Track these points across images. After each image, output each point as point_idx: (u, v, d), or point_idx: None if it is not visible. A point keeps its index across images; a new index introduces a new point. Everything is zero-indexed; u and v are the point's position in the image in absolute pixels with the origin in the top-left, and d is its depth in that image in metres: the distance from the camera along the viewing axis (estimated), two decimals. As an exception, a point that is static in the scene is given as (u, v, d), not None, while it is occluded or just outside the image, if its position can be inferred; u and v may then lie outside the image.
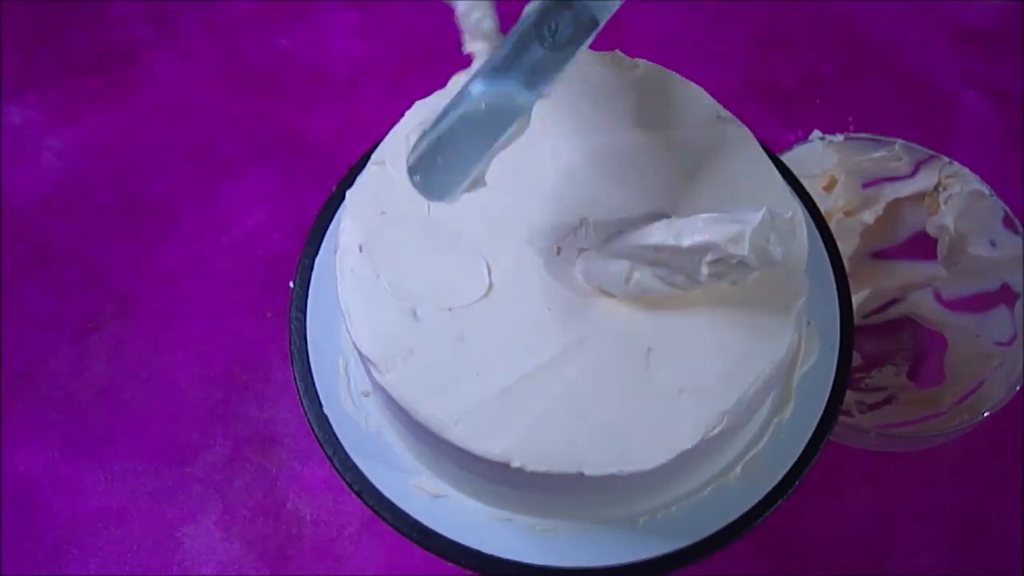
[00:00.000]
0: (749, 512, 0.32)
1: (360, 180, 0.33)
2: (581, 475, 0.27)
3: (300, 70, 0.63)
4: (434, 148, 0.25)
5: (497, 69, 0.25)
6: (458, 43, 0.34)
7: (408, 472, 0.33)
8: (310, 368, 0.35)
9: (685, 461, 0.28)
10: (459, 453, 0.28)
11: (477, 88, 0.25)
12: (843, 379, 0.34)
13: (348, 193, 0.32)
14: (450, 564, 0.32)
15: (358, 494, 0.33)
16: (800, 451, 0.32)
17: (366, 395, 0.34)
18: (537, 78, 0.25)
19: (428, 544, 0.32)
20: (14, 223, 0.57)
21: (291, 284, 0.36)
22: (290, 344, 0.35)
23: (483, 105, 0.25)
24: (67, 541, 0.47)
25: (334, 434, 0.34)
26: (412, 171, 0.25)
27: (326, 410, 0.34)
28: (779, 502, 0.32)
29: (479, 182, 0.26)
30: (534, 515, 0.32)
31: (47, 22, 0.65)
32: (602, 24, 0.26)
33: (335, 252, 0.32)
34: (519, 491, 0.30)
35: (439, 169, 0.25)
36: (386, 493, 0.32)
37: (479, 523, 0.32)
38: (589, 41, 0.26)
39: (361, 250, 0.31)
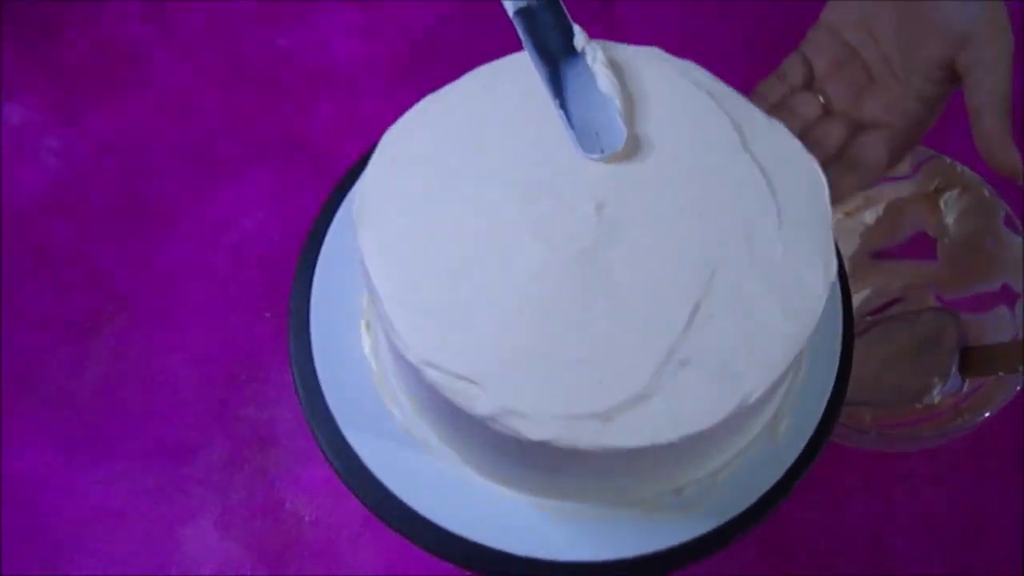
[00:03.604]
0: (749, 510, 0.32)
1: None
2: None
3: (300, 70, 0.63)
4: None
5: None
6: (458, 43, 0.34)
7: (409, 472, 0.33)
8: (309, 368, 0.35)
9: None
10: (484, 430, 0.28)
11: None
12: (844, 378, 0.34)
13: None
14: (450, 564, 0.32)
15: (357, 495, 0.33)
16: (801, 448, 0.32)
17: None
18: None
19: (428, 544, 0.32)
20: (14, 223, 0.57)
21: (290, 286, 0.36)
22: (290, 344, 0.35)
23: None
24: (67, 541, 0.47)
25: (333, 434, 0.34)
26: None
27: (325, 411, 0.34)
28: (780, 501, 0.32)
29: None
30: (543, 495, 0.32)
31: (47, 22, 0.65)
32: None
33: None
34: (531, 464, 0.30)
35: None
36: (386, 494, 0.32)
37: (479, 521, 0.32)
38: None
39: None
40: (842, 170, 0.43)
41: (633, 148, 0.32)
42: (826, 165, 0.43)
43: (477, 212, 0.31)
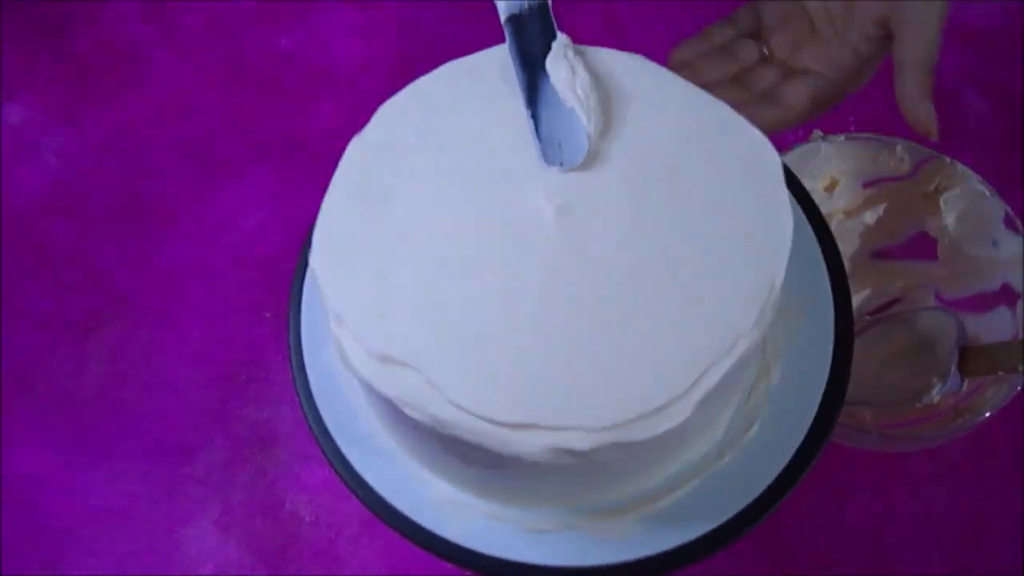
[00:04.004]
0: (749, 510, 0.32)
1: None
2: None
3: (300, 70, 0.63)
4: None
5: None
6: (458, 43, 0.35)
7: (407, 471, 0.33)
8: (309, 368, 0.35)
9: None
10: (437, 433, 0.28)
11: None
12: (843, 377, 0.34)
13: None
14: (450, 564, 0.32)
15: (357, 495, 0.33)
16: (797, 449, 0.32)
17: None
18: None
19: (427, 544, 0.32)
20: (14, 223, 0.57)
21: (290, 286, 0.36)
22: (289, 344, 0.35)
23: None
24: (67, 541, 0.47)
25: (333, 435, 0.34)
26: None
27: (324, 411, 0.34)
28: (779, 501, 0.32)
29: None
30: (529, 506, 0.32)
31: (47, 22, 0.65)
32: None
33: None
34: (508, 476, 0.30)
35: None
36: (385, 494, 0.32)
37: (478, 523, 0.32)
38: None
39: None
40: (765, 105, 0.45)
41: (597, 161, 0.32)
42: (752, 103, 0.45)
43: (440, 219, 0.31)
